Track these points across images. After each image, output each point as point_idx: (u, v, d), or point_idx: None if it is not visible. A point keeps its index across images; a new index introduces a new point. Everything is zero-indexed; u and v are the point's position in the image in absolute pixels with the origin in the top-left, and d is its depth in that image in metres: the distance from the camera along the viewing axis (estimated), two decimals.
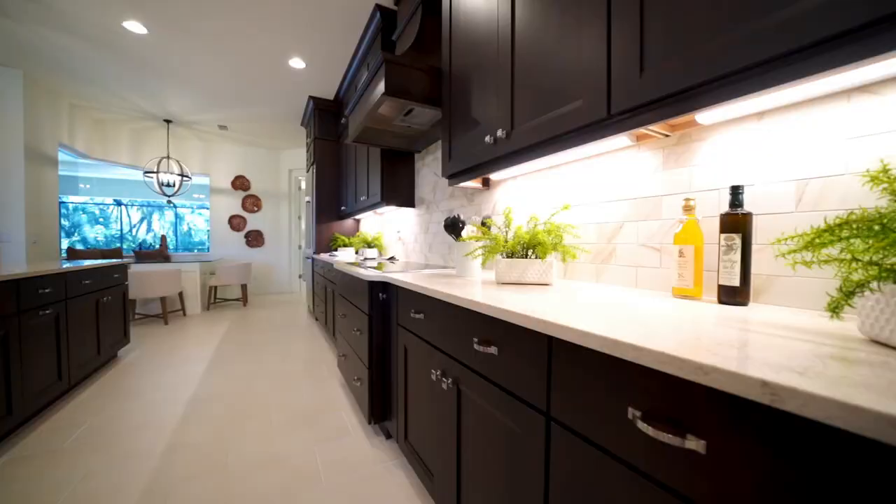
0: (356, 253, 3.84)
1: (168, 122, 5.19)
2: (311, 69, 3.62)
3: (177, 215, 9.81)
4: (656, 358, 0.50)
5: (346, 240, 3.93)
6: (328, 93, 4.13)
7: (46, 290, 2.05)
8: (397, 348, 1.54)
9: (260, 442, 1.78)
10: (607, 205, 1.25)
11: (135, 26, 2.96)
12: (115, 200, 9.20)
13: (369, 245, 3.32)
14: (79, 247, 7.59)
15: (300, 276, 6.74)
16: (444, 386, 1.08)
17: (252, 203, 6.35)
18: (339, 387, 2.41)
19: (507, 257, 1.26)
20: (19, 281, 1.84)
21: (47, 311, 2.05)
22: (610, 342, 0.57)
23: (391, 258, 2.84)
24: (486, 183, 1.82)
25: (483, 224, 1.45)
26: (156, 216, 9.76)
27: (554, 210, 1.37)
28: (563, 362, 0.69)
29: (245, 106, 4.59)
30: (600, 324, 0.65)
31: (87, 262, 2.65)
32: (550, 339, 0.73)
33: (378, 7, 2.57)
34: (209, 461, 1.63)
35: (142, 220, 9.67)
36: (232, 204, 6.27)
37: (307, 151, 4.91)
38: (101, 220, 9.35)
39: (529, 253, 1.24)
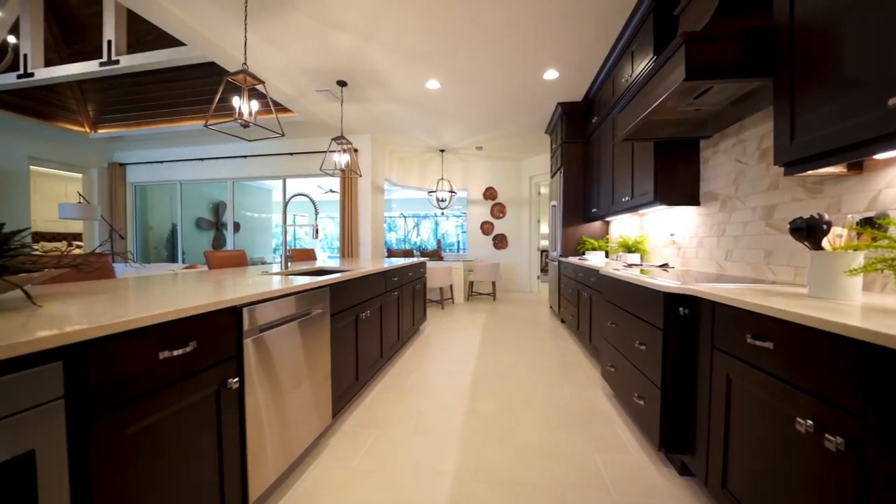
0: (606, 257, 3.63)
1: (442, 151, 6.62)
2: (562, 77, 3.71)
3: (436, 223, 12.62)
4: None
5: (595, 243, 3.79)
6: (576, 95, 4.12)
7: (395, 279, 3.00)
8: (711, 375, 1.31)
9: (538, 430, 1.94)
10: None
11: (432, 84, 3.91)
12: (400, 213, 12.81)
13: (629, 249, 3.04)
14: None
15: (538, 277, 7.10)
16: (831, 446, 0.81)
17: (498, 210, 7.21)
18: (604, 397, 2.33)
19: None
20: (385, 272, 2.77)
21: (394, 293, 3.00)
22: None
23: (663, 265, 2.49)
24: (857, 166, 1.27)
25: (873, 226, 1.01)
26: (422, 224, 12.98)
27: None
28: None
29: (499, 126, 5.24)
30: None
31: (403, 260, 3.71)
32: None
33: None
34: (500, 433, 1.91)
35: (414, 227, 13.05)
36: (483, 212, 7.33)
37: (552, 157, 5.09)
38: (392, 228, 13.27)
39: None
